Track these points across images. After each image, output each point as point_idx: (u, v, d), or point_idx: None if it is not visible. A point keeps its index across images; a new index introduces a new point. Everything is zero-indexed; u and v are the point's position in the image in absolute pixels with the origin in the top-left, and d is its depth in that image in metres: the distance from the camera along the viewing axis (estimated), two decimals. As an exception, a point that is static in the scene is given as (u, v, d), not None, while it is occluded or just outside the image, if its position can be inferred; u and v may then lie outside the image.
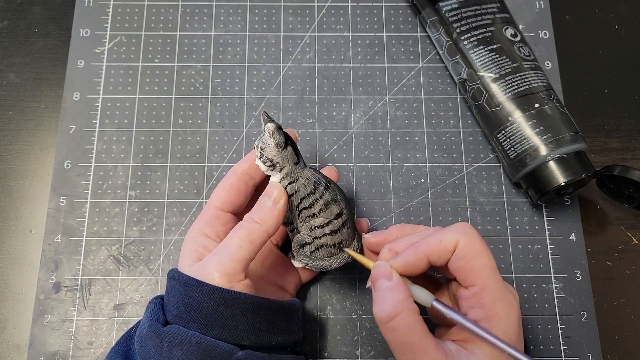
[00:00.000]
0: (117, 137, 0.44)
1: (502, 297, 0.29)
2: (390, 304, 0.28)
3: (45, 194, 0.43)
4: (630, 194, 0.41)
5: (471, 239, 0.29)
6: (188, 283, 0.30)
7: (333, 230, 0.34)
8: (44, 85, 0.46)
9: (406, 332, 0.28)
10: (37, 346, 0.39)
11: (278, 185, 0.33)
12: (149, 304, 0.33)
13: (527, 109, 0.40)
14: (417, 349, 0.28)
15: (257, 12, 0.48)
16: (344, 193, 0.35)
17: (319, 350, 0.39)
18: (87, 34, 0.47)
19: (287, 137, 0.33)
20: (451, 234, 0.30)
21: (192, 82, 0.46)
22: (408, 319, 0.28)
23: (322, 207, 0.34)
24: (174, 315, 0.31)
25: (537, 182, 0.40)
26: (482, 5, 0.44)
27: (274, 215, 0.32)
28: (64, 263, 0.41)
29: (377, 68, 0.47)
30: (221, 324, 0.30)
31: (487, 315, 0.29)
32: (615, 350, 0.40)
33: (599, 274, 0.42)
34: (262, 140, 0.33)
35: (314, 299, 0.41)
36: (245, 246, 0.31)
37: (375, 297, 0.30)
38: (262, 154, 0.33)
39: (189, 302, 0.30)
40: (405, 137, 0.45)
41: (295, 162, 0.33)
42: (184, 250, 0.33)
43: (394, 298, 0.28)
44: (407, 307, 0.28)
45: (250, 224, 0.32)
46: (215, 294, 0.30)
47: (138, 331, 0.32)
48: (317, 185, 0.33)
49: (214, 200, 0.35)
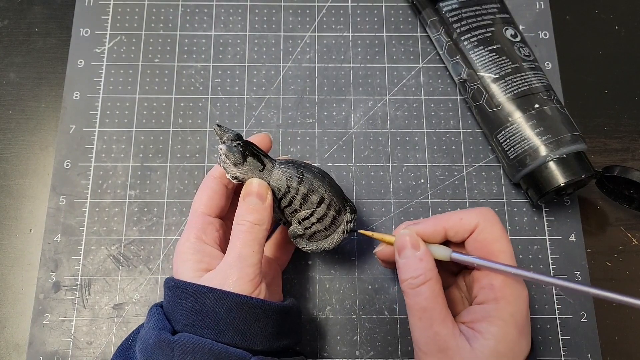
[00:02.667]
0: (117, 137, 0.44)
1: (513, 282, 0.30)
2: (420, 271, 0.30)
3: (45, 194, 0.43)
4: (630, 194, 0.41)
5: (492, 223, 0.31)
6: (198, 291, 0.30)
7: (319, 218, 0.34)
8: (44, 84, 0.46)
9: (430, 298, 0.29)
10: (37, 345, 0.39)
11: (259, 182, 0.33)
12: (151, 312, 0.32)
13: (527, 110, 0.40)
14: (436, 316, 0.29)
15: (257, 12, 0.48)
16: (320, 173, 0.35)
17: (319, 351, 0.39)
18: (87, 33, 0.47)
19: (245, 148, 0.32)
20: (474, 215, 0.31)
21: (192, 81, 0.46)
22: (434, 287, 0.30)
23: (302, 201, 0.33)
24: (183, 324, 0.30)
25: (537, 183, 0.40)
26: (483, 5, 0.44)
27: (268, 211, 0.32)
28: (63, 262, 0.41)
29: (377, 68, 0.47)
30: (233, 329, 0.29)
31: (495, 297, 0.29)
32: (615, 350, 0.40)
33: (598, 274, 0.42)
34: (222, 160, 0.32)
35: (313, 299, 0.41)
36: (257, 249, 0.31)
37: (402, 265, 0.31)
38: (227, 172, 0.33)
39: (201, 309, 0.29)
40: (405, 138, 0.45)
41: (261, 169, 0.33)
42: (184, 260, 0.32)
43: (423, 267, 0.30)
44: (435, 275, 0.30)
45: (252, 227, 0.31)
46: (227, 299, 0.29)
47: (141, 342, 0.31)
48: (290, 182, 0.33)
49: (200, 208, 0.34)
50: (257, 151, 0.33)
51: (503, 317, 0.29)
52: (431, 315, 0.29)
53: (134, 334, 0.34)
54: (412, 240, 0.31)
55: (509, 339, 0.29)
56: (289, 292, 0.41)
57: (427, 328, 0.29)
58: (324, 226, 0.35)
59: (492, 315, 0.29)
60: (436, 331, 0.29)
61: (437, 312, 0.29)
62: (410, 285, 0.30)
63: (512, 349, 0.29)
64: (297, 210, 0.34)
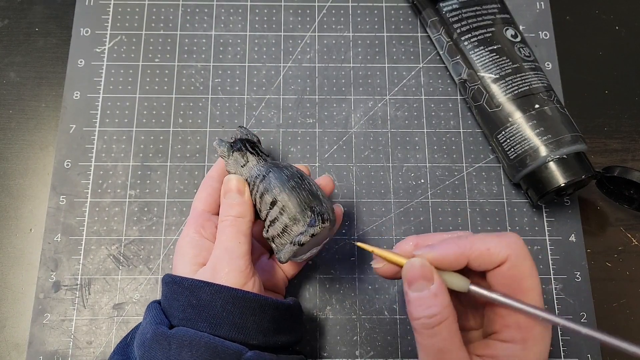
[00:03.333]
0: (117, 137, 0.44)
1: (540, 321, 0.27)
2: (435, 310, 0.26)
3: (45, 193, 0.43)
4: (630, 195, 0.41)
5: (524, 258, 0.27)
6: (194, 285, 0.30)
7: (271, 221, 0.32)
8: (44, 84, 0.46)
9: (447, 339, 0.26)
10: (37, 345, 0.39)
11: (234, 177, 0.34)
12: (148, 308, 0.32)
13: (527, 110, 0.40)
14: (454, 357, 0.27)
15: (257, 11, 0.48)
16: (292, 177, 0.33)
17: (318, 350, 0.39)
18: (87, 33, 0.47)
19: (234, 144, 0.35)
20: (503, 246, 0.27)
21: (192, 81, 0.46)
22: (452, 327, 0.27)
23: (259, 200, 0.33)
24: (180, 319, 0.30)
25: (537, 183, 0.40)
26: (483, 5, 0.44)
27: (248, 204, 0.33)
28: (63, 262, 0.41)
29: (378, 68, 0.47)
30: (230, 323, 0.30)
31: (523, 337, 0.27)
32: (615, 351, 0.40)
33: (598, 274, 0.42)
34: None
35: (313, 299, 0.41)
36: (242, 240, 0.32)
37: (414, 300, 0.27)
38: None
39: (197, 303, 0.30)
40: (406, 138, 0.45)
41: (242, 165, 0.35)
42: (183, 254, 0.33)
43: (439, 304, 0.26)
44: (452, 313, 0.27)
45: (235, 221, 0.32)
46: (224, 293, 0.30)
47: (139, 337, 0.31)
48: (255, 180, 0.34)
49: (200, 205, 0.35)
50: (249, 149, 0.35)
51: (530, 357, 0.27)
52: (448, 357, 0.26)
53: (132, 332, 0.34)
54: (425, 272, 0.27)
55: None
56: (289, 292, 0.41)
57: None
58: (276, 232, 0.32)
59: (517, 356, 0.27)
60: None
61: (454, 354, 0.26)
62: (425, 325, 0.26)
63: None
64: (260, 210, 0.34)
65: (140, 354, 0.30)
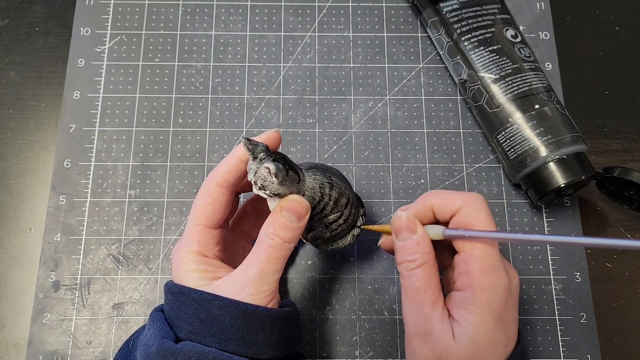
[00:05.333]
0: (117, 136, 0.44)
1: (491, 269, 0.29)
2: (416, 255, 0.30)
3: (45, 193, 0.43)
4: (630, 195, 0.41)
5: (477, 208, 0.30)
6: (203, 298, 0.29)
7: (346, 219, 0.34)
8: (45, 83, 0.46)
9: (424, 280, 0.30)
10: (36, 345, 0.39)
11: (302, 201, 0.31)
12: (152, 318, 0.31)
13: (527, 110, 0.40)
14: (428, 298, 0.29)
15: (257, 11, 0.48)
16: (340, 173, 0.35)
17: (318, 351, 0.39)
18: (87, 32, 0.47)
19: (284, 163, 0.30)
20: (460, 197, 0.31)
21: (192, 81, 0.46)
22: (429, 270, 0.30)
23: (333, 206, 0.33)
24: (187, 331, 0.29)
25: (537, 183, 0.40)
26: (483, 6, 0.44)
27: (300, 231, 0.31)
28: (63, 262, 0.41)
29: (378, 68, 0.47)
30: (238, 338, 0.29)
31: (472, 284, 0.29)
32: (615, 351, 0.40)
33: (598, 275, 0.42)
34: (261, 178, 0.30)
35: (313, 299, 0.41)
36: (280, 266, 0.31)
37: (399, 248, 0.31)
38: (265, 189, 0.30)
39: (206, 317, 0.29)
40: (406, 138, 0.45)
41: (297, 181, 0.31)
42: (188, 270, 0.31)
43: (420, 250, 0.30)
44: (431, 259, 0.30)
45: (281, 245, 0.30)
46: (233, 307, 0.29)
47: (143, 349, 0.30)
48: (323, 189, 0.32)
49: (203, 220, 0.32)
50: (290, 162, 0.31)
51: (479, 305, 0.28)
52: (423, 297, 0.29)
53: (134, 338, 0.33)
54: (409, 223, 0.31)
55: (486, 328, 0.28)
56: (289, 292, 0.41)
57: (417, 309, 0.30)
58: (347, 225, 0.35)
59: (468, 303, 0.29)
60: (426, 313, 0.29)
61: (428, 295, 0.29)
62: (407, 267, 0.30)
63: (490, 339, 0.29)
64: (327, 215, 0.33)
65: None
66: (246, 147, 0.30)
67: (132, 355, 0.32)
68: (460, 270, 0.30)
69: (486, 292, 0.29)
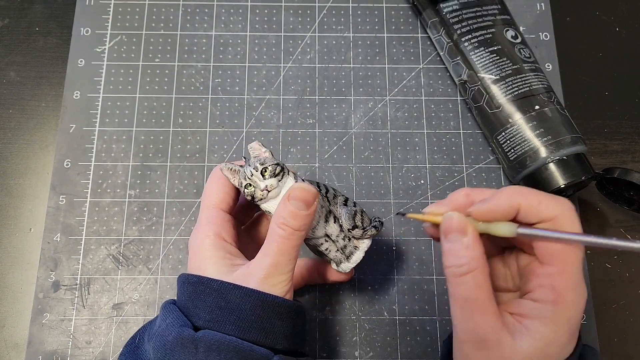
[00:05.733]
0: (117, 136, 0.44)
1: (576, 287, 0.27)
2: (464, 260, 0.28)
3: (44, 193, 0.43)
4: (630, 196, 0.41)
5: (572, 219, 0.28)
6: (224, 287, 0.29)
7: (354, 214, 0.35)
8: (45, 83, 0.46)
9: (474, 289, 0.28)
10: (36, 345, 0.39)
11: (309, 187, 0.31)
12: (167, 309, 0.31)
13: (527, 111, 0.40)
14: (478, 307, 0.28)
15: (257, 12, 0.48)
16: None
17: (318, 351, 0.39)
18: (87, 32, 0.47)
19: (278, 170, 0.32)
20: (554, 204, 0.28)
21: (192, 81, 0.46)
22: (479, 277, 0.28)
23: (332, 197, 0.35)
24: (206, 320, 0.29)
25: (537, 184, 0.40)
26: (483, 7, 0.44)
27: (311, 218, 0.31)
28: (63, 262, 0.41)
29: (378, 69, 0.47)
30: (258, 327, 0.29)
31: (555, 300, 0.27)
32: (615, 352, 0.40)
33: (598, 276, 0.42)
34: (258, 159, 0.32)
35: (313, 299, 0.41)
36: (293, 256, 0.31)
37: (447, 250, 0.29)
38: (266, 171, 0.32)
39: (226, 305, 0.29)
40: (406, 138, 0.45)
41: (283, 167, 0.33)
42: (207, 257, 0.31)
43: (469, 255, 0.28)
44: (482, 265, 0.28)
45: (292, 234, 0.30)
46: (253, 296, 0.29)
47: (157, 339, 0.30)
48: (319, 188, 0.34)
49: (217, 202, 0.33)
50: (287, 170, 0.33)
51: (559, 321, 0.27)
52: (473, 306, 0.28)
53: (140, 333, 0.33)
54: (460, 225, 0.28)
55: (560, 343, 0.27)
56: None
57: (467, 318, 0.28)
58: (364, 219, 0.35)
59: (546, 317, 0.27)
60: (477, 322, 0.28)
61: (479, 304, 0.27)
62: (454, 273, 0.28)
63: (558, 353, 0.28)
64: (335, 196, 0.35)
65: (159, 356, 0.29)
66: (231, 171, 0.33)
67: (141, 349, 0.32)
68: (541, 282, 0.28)
69: (569, 310, 0.27)
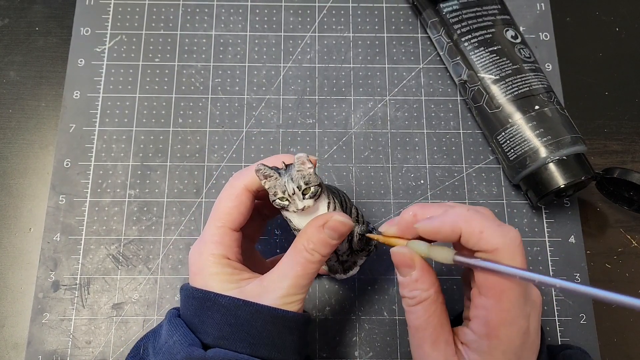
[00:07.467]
0: (117, 136, 0.44)
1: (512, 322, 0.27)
2: (415, 293, 0.29)
3: (44, 193, 0.43)
4: (629, 196, 0.41)
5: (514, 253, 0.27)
6: (232, 303, 0.29)
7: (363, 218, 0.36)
8: (44, 83, 0.46)
9: (423, 319, 0.29)
10: (36, 345, 0.39)
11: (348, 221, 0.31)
12: (171, 324, 0.30)
13: (527, 111, 0.40)
14: (427, 337, 0.29)
15: (257, 12, 0.48)
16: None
17: (317, 351, 0.39)
18: (87, 32, 0.47)
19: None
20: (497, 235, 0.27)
21: (192, 81, 0.46)
22: (429, 308, 0.29)
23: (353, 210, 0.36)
24: (215, 337, 0.29)
25: (537, 184, 0.40)
26: (483, 7, 0.44)
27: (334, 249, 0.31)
28: (62, 262, 0.41)
29: (378, 69, 0.47)
30: (270, 343, 0.29)
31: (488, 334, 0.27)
32: (614, 352, 0.40)
33: (598, 276, 0.42)
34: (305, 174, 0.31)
35: (312, 300, 0.41)
36: (313, 277, 0.31)
37: (400, 282, 0.30)
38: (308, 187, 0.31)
39: (235, 322, 0.29)
40: (405, 138, 0.45)
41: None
42: (213, 273, 0.30)
43: (419, 287, 0.29)
44: (433, 294, 0.29)
45: (320, 260, 0.30)
46: (264, 312, 0.29)
47: (165, 357, 0.29)
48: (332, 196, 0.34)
49: (228, 223, 0.32)
50: None
51: (494, 355, 0.27)
52: (423, 335, 0.29)
53: (143, 343, 0.32)
54: (406, 260, 0.29)
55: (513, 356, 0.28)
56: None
57: (418, 347, 0.29)
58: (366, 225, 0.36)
59: (483, 351, 0.28)
60: (426, 352, 0.29)
61: (428, 333, 0.29)
62: (407, 303, 0.30)
63: None
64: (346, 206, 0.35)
65: None
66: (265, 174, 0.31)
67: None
68: (477, 314, 0.28)
69: (502, 345, 0.27)
